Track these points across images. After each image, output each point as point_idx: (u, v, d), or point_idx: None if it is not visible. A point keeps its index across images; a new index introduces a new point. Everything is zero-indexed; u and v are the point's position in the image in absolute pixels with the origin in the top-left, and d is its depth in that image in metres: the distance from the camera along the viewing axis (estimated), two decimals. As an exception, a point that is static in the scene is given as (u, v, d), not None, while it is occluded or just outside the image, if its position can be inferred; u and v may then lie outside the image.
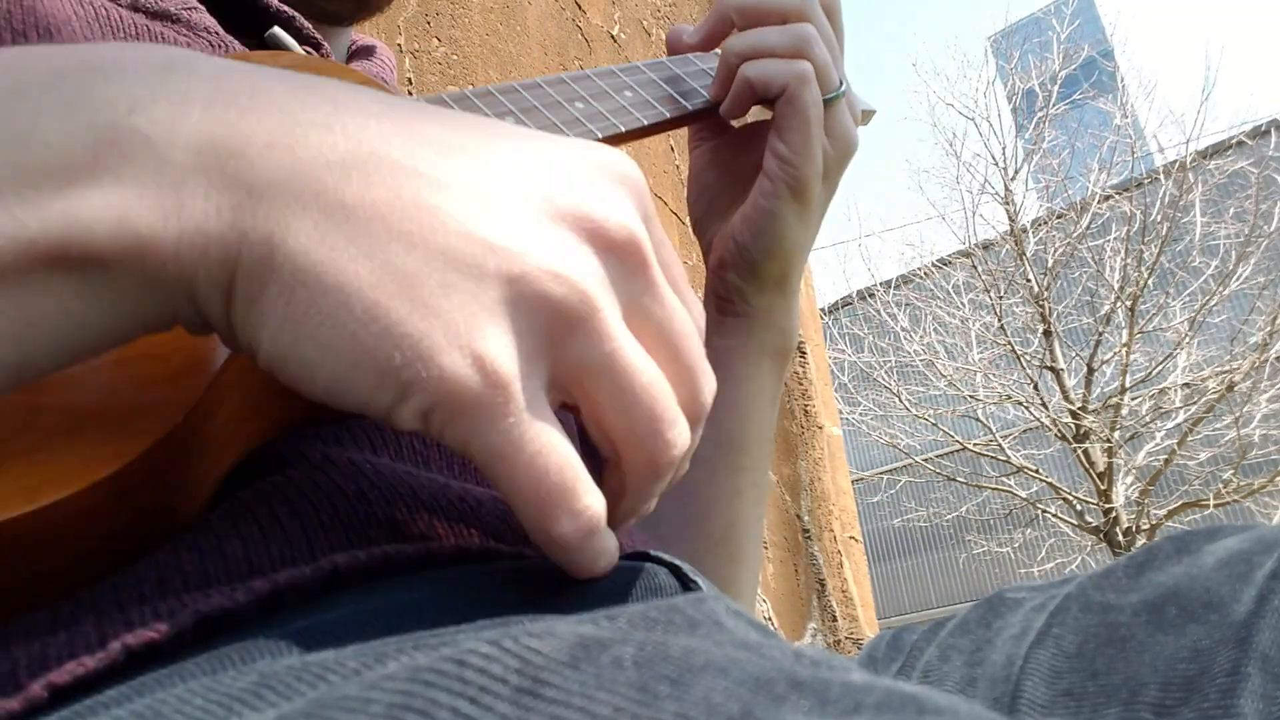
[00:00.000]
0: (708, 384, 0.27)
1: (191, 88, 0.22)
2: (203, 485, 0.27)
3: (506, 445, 0.23)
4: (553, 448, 0.23)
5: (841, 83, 0.48)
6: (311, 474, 0.29)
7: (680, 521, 0.50)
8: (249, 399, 0.28)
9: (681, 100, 0.49)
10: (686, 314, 0.26)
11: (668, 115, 0.48)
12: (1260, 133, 9.57)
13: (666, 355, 0.26)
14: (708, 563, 0.50)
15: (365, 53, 0.56)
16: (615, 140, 0.45)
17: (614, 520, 0.27)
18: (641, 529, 0.51)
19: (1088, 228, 9.11)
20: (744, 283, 0.50)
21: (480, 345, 0.22)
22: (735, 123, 0.53)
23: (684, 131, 0.54)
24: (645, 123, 0.46)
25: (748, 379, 0.51)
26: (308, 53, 0.45)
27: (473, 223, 0.22)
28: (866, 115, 0.57)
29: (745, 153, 0.53)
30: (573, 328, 0.23)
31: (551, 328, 0.23)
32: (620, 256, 0.24)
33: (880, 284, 10.45)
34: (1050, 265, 9.05)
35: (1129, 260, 8.60)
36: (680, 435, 0.25)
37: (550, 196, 0.24)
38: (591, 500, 0.24)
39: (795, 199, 0.47)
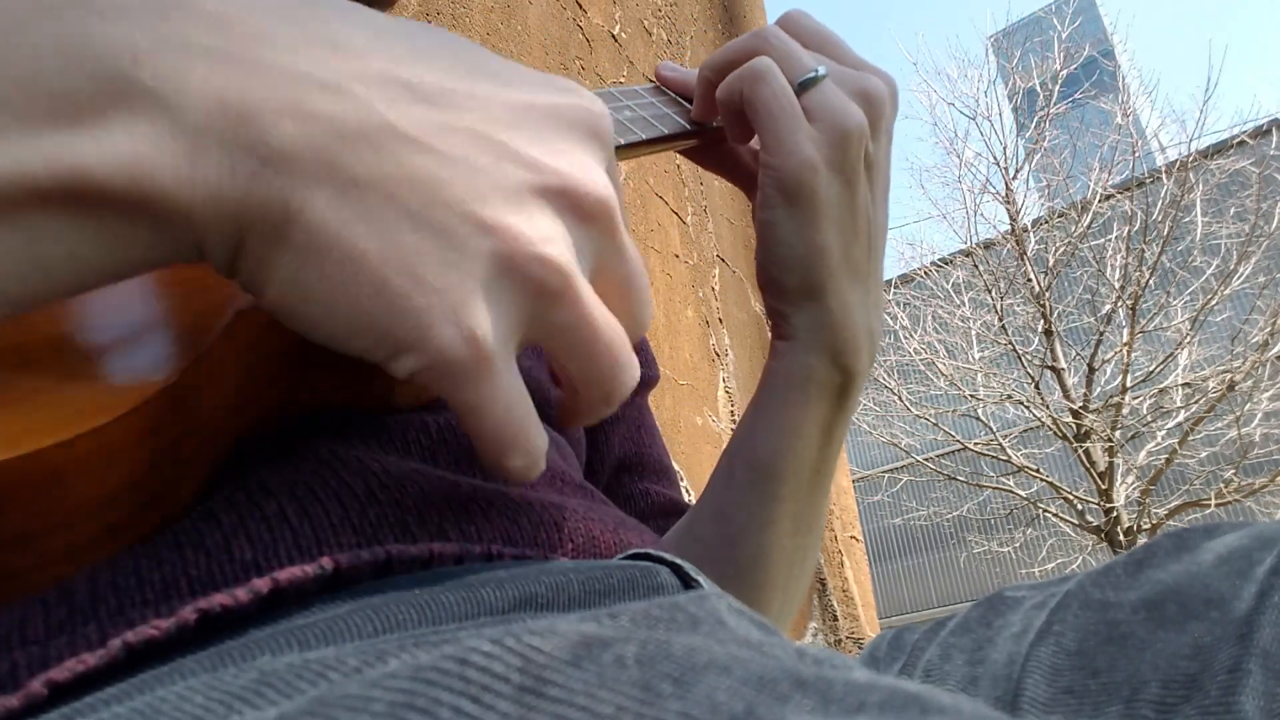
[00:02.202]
0: (649, 310, 0.31)
1: (192, 34, 0.22)
2: (197, 461, 0.27)
3: (481, 401, 0.25)
4: (516, 401, 0.26)
5: (818, 69, 0.45)
6: (320, 470, 0.29)
7: (714, 539, 0.48)
8: (245, 375, 0.28)
9: (679, 119, 0.50)
10: (640, 259, 0.29)
11: (665, 132, 0.48)
12: (1261, 132, 9.57)
13: (623, 298, 0.29)
14: (732, 587, 0.47)
15: None
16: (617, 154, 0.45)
17: (566, 425, 0.31)
18: (678, 550, 0.49)
19: (1089, 227, 9.11)
20: (776, 302, 0.47)
21: (470, 320, 0.24)
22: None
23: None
24: (643, 137, 0.46)
25: (788, 404, 0.47)
26: None
27: (470, 201, 0.24)
28: None
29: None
30: (550, 300, 0.26)
31: (532, 300, 0.25)
32: (594, 224, 0.27)
33: (881, 283, 10.42)
34: (1051, 264, 9.04)
35: (1130, 259, 8.60)
36: (631, 377, 0.29)
37: (534, 166, 0.26)
38: (538, 440, 0.27)
39: (787, 201, 0.43)
